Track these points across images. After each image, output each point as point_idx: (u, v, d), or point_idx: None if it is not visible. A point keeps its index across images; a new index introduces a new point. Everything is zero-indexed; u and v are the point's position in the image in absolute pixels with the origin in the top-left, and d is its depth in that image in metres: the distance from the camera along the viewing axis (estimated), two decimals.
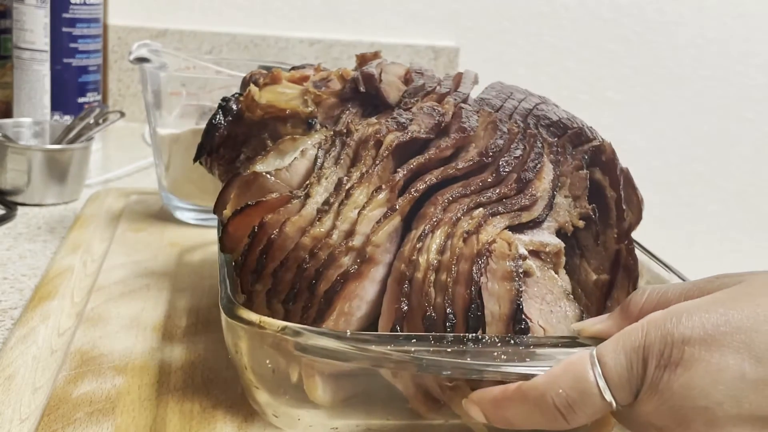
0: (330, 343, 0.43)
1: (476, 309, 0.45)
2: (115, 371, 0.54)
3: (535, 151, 0.51)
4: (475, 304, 0.45)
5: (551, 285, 0.48)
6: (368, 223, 0.47)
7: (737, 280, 0.41)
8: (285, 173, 0.51)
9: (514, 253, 0.46)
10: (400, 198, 0.48)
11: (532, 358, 0.43)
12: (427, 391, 0.47)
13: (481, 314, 0.45)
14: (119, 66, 1.33)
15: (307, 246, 0.47)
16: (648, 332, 0.40)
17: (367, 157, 0.50)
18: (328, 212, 0.48)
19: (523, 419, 0.41)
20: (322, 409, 0.47)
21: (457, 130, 0.52)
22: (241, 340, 0.45)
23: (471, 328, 0.45)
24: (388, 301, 0.47)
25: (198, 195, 0.82)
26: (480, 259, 0.45)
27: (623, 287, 0.52)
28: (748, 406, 0.38)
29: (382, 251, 0.48)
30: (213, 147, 0.59)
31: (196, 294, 0.67)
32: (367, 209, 0.48)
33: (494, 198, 0.49)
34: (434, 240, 0.47)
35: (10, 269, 0.71)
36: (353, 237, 0.47)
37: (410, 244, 0.47)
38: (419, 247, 0.46)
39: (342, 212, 0.48)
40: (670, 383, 0.38)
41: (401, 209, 0.48)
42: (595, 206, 0.52)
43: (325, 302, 0.46)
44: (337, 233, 0.47)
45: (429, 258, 0.46)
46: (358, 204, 0.48)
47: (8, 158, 0.87)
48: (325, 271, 0.47)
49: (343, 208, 0.48)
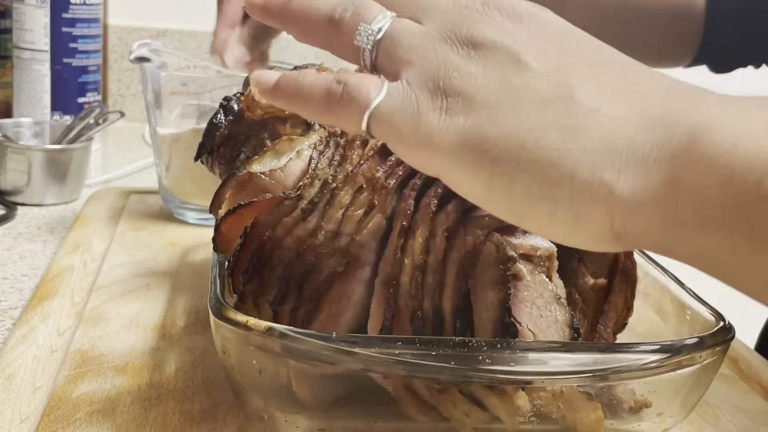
0: (316, 345, 0.42)
1: (465, 311, 0.45)
2: (115, 371, 0.54)
3: None
4: (463, 307, 0.45)
5: (541, 289, 0.47)
6: (353, 224, 0.47)
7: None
8: (280, 174, 0.51)
9: (503, 256, 0.46)
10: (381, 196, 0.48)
11: (520, 363, 0.43)
12: (416, 393, 0.47)
13: (469, 317, 0.45)
14: (119, 66, 1.33)
15: (292, 247, 0.47)
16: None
17: (353, 157, 0.50)
18: (313, 212, 0.48)
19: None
20: (309, 410, 0.47)
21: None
22: (228, 340, 0.45)
23: (459, 331, 0.45)
24: (376, 302, 0.47)
25: (198, 195, 0.82)
26: (468, 261, 0.45)
27: (621, 291, 0.52)
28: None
29: (367, 251, 0.47)
30: (214, 146, 0.59)
31: (196, 294, 0.67)
32: (351, 209, 0.48)
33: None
34: (417, 240, 0.46)
35: (10, 269, 0.71)
36: (339, 238, 0.47)
37: (392, 244, 0.47)
38: (401, 246, 0.46)
39: (327, 212, 0.48)
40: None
41: (380, 207, 0.48)
42: None
43: (313, 303, 0.46)
44: (322, 234, 0.47)
45: (414, 259, 0.46)
46: (342, 204, 0.48)
47: (8, 158, 0.87)
48: (311, 272, 0.47)
49: (328, 208, 0.48)
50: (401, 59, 0.37)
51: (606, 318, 0.52)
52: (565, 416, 0.46)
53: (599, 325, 0.51)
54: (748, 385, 0.60)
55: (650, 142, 0.33)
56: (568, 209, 0.33)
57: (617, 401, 0.49)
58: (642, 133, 0.33)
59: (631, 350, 0.44)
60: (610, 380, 0.45)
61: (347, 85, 0.37)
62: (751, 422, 0.54)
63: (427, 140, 0.35)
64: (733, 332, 0.47)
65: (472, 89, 0.35)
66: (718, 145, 0.31)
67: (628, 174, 0.32)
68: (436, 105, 0.35)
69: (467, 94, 0.35)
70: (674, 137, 0.32)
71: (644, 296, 0.56)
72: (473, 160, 0.34)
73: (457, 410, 0.46)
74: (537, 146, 0.33)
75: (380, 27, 0.38)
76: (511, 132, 0.34)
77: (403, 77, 0.36)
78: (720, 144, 0.31)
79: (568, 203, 0.33)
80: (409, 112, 0.35)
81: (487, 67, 0.35)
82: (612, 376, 0.44)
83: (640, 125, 0.33)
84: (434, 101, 0.35)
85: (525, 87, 0.35)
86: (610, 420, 0.48)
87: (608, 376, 0.44)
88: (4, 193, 0.89)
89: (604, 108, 0.34)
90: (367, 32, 0.38)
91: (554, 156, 0.33)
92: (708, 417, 0.54)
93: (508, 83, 0.35)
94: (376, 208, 0.48)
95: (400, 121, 0.36)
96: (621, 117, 0.33)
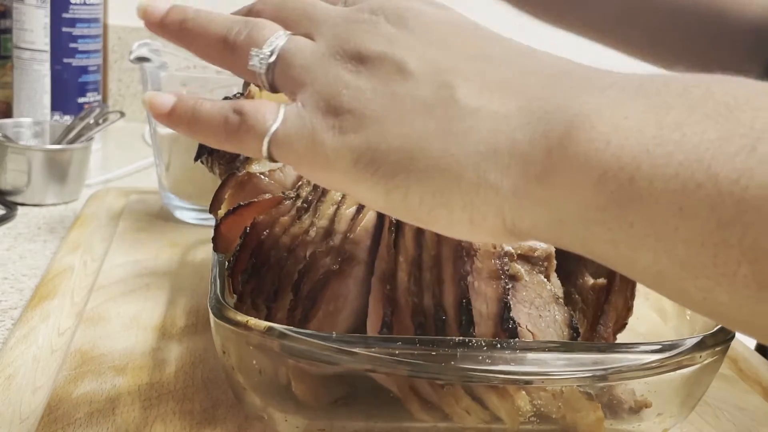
0: (315, 345, 0.42)
1: (467, 305, 0.44)
2: (115, 371, 0.54)
3: None
4: (466, 300, 0.44)
5: (540, 289, 0.47)
6: (345, 221, 0.47)
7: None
8: (279, 174, 0.52)
9: (500, 251, 0.46)
10: None
11: (520, 363, 0.43)
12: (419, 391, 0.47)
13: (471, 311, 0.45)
14: (119, 66, 1.33)
15: (287, 244, 0.47)
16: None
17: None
18: (307, 210, 0.48)
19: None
20: (309, 410, 0.47)
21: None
22: (228, 340, 0.45)
23: (465, 325, 0.45)
24: (374, 300, 0.47)
25: (198, 195, 0.82)
26: (466, 257, 0.45)
27: (621, 291, 0.52)
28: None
29: (362, 248, 0.47)
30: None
31: (196, 294, 0.67)
32: (343, 207, 0.48)
33: None
34: (407, 236, 0.46)
35: (10, 269, 0.71)
36: (333, 236, 0.47)
37: (385, 240, 0.47)
38: (393, 242, 0.46)
39: (319, 209, 0.48)
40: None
41: None
42: None
43: (310, 302, 0.46)
44: (315, 230, 0.47)
45: (408, 256, 0.46)
46: (334, 201, 0.48)
47: (8, 158, 0.87)
48: (307, 271, 0.47)
49: (320, 205, 0.48)
50: (295, 80, 0.37)
51: (606, 318, 0.52)
52: (565, 416, 0.46)
53: (599, 325, 0.51)
54: (748, 385, 0.60)
55: (529, 140, 0.32)
56: (462, 213, 0.34)
57: (617, 401, 0.49)
58: (521, 130, 0.33)
59: (631, 350, 0.44)
60: (610, 380, 0.45)
61: (244, 114, 0.37)
62: (751, 422, 0.54)
63: (324, 161, 0.36)
64: (733, 332, 0.47)
65: (362, 105, 0.35)
66: (592, 141, 0.31)
67: (510, 173, 0.32)
68: (329, 124, 0.35)
69: (357, 110, 0.35)
70: (551, 132, 0.32)
71: (644, 296, 0.56)
72: (369, 176, 0.35)
73: (459, 406, 0.46)
74: (424, 156, 0.34)
75: (272, 50, 0.38)
76: (400, 144, 0.34)
77: (299, 99, 0.37)
78: (593, 140, 0.31)
79: (461, 208, 0.34)
80: (305, 135, 0.36)
81: (375, 81, 0.35)
82: (612, 376, 0.44)
83: (519, 122, 0.33)
84: (326, 121, 0.36)
85: (409, 96, 0.35)
86: (610, 420, 0.48)
87: (608, 376, 0.44)
88: (4, 193, 0.89)
89: (486, 106, 0.34)
90: (259, 56, 0.38)
91: (441, 163, 0.33)
92: (708, 417, 0.54)
93: (394, 94, 0.35)
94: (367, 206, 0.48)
95: (298, 144, 0.36)
96: (502, 114, 0.33)
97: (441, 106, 0.34)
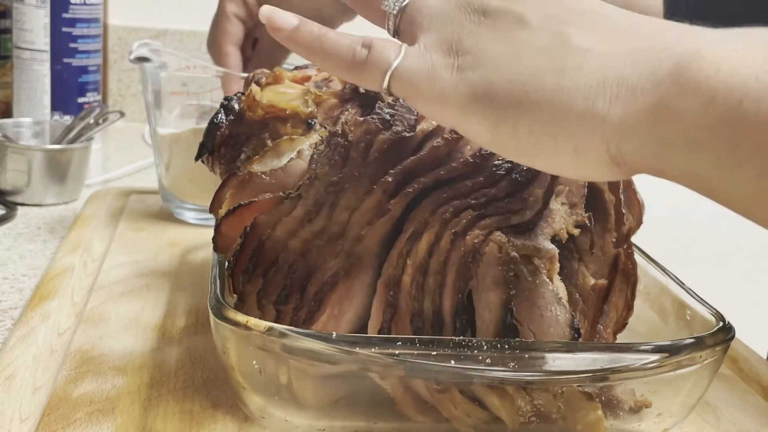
0: (316, 345, 0.42)
1: (463, 312, 0.45)
2: (115, 371, 0.54)
3: None
4: (463, 306, 0.45)
5: (543, 290, 0.47)
6: (359, 226, 0.47)
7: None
8: (280, 173, 0.51)
9: (505, 256, 0.46)
10: (392, 200, 0.48)
11: (520, 363, 0.43)
12: (416, 393, 0.47)
13: (469, 317, 0.45)
14: (119, 66, 1.33)
15: (297, 248, 0.47)
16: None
17: (357, 158, 0.50)
18: (319, 214, 0.48)
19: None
20: (309, 410, 0.47)
21: (450, 130, 0.51)
22: (228, 340, 0.45)
23: (459, 331, 0.45)
24: (377, 303, 0.47)
25: (198, 195, 0.82)
26: (470, 262, 0.45)
27: (621, 291, 0.52)
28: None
29: (372, 254, 0.47)
30: (214, 146, 0.59)
31: (196, 294, 0.67)
32: (357, 212, 0.48)
33: (484, 201, 0.48)
34: (422, 242, 0.46)
35: (10, 269, 0.71)
36: (344, 239, 0.47)
37: (399, 247, 0.47)
38: (407, 250, 0.46)
39: (333, 214, 0.48)
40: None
41: (393, 212, 0.48)
42: (591, 215, 0.51)
43: (315, 304, 0.46)
44: (327, 235, 0.47)
45: (417, 260, 0.46)
46: (349, 206, 0.48)
47: (8, 158, 0.87)
48: (315, 273, 0.47)
49: (333, 210, 0.48)
50: (421, 25, 0.41)
51: (606, 318, 0.52)
52: (565, 416, 0.46)
53: (599, 325, 0.51)
54: (748, 385, 0.60)
55: (638, 74, 0.35)
56: (568, 142, 0.37)
57: (617, 401, 0.49)
58: (631, 66, 0.36)
59: (631, 350, 0.44)
60: (610, 380, 0.45)
61: (372, 48, 0.41)
62: (751, 422, 0.54)
63: (441, 94, 0.39)
64: (733, 332, 0.47)
65: (480, 47, 0.39)
66: (702, 70, 0.34)
67: (618, 103, 0.35)
68: (448, 63, 0.39)
69: (476, 52, 0.39)
70: (660, 68, 0.35)
71: (644, 296, 0.56)
72: (481, 109, 0.38)
73: (458, 410, 0.46)
74: (535, 89, 0.37)
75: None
76: (513, 78, 0.38)
77: (421, 41, 0.41)
78: (704, 69, 0.34)
79: (567, 137, 0.37)
80: (424, 71, 0.40)
81: (495, 30, 0.39)
82: (612, 376, 0.44)
83: (629, 59, 0.36)
84: (446, 60, 0.39)
85: (525, 40, 0.38)
86: (610, 420, 0.48)
87: (608, 376, 0.44)
88: (4, 193, 0.89)
89: (597, 47, 0.37)
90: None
91: (551, 96, 0.37)
92: (708, 417, 0.54)
93: (512, 39, 0.39)
94: (390, 214, 0.47)
95: (417, 78, 0.40)
96: (612, 53, 0.37)
97: (555, 48, 0.38)
